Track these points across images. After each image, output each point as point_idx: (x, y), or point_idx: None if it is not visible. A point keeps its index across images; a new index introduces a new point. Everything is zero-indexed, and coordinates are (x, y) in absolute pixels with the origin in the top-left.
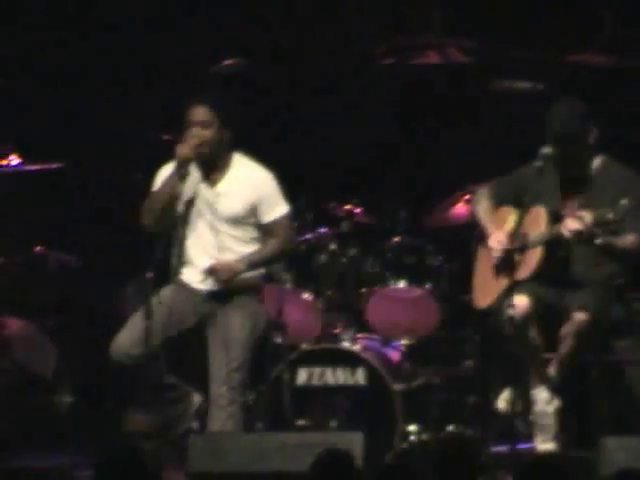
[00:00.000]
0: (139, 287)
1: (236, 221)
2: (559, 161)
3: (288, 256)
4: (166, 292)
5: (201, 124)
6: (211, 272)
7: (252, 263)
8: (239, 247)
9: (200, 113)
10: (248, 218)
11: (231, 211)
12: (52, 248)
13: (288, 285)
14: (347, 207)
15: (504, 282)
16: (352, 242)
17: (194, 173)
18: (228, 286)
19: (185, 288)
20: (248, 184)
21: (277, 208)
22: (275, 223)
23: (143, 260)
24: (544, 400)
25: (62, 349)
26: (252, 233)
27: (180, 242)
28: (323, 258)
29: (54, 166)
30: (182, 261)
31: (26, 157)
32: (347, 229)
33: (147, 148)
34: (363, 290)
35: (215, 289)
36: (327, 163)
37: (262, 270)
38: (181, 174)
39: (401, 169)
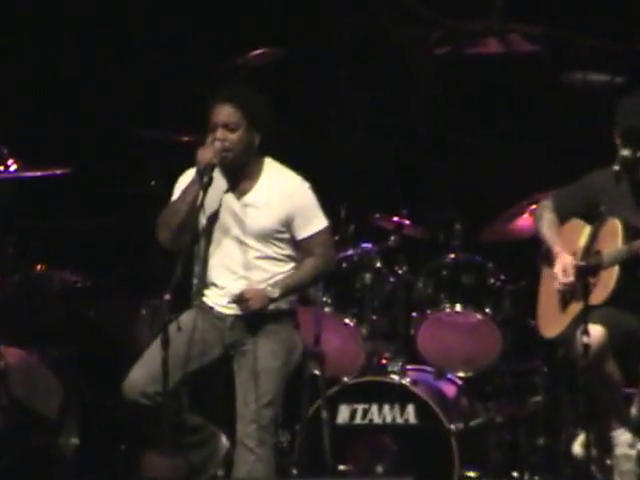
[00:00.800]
0: (155, 312)
1: (267, 236)
2: (635, 165)
3: (328, 277)
4: (187, 318)
5: (226, 125)
6: (240, 300)
7: (287, 288)
8: (270, 266)
9: (225, 113)
10: (281, 233)
11: (261, 225)
12: (55, 266)
13: (327, 309)
14: (394, 219)
15: (575, 308)
16: (400, 259)
17: (218, 181)
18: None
19: (209, 313)
20: (281, 194)
21: (314, 222)
22: (312, 239)
23: (160, 281)
24: (625, 443)
25: (68, 383)
26: (285, 250)
27: (203, 260)
28: (367, 278)
29: (57, 172)
30: (205, 282)
31: (25, 162)
32: (394, 244)
33: (164, 152)
34: (413, 314)
35: (243, 314)
36: (370, 168)
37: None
38: (203, 182)
39: (455, 174)
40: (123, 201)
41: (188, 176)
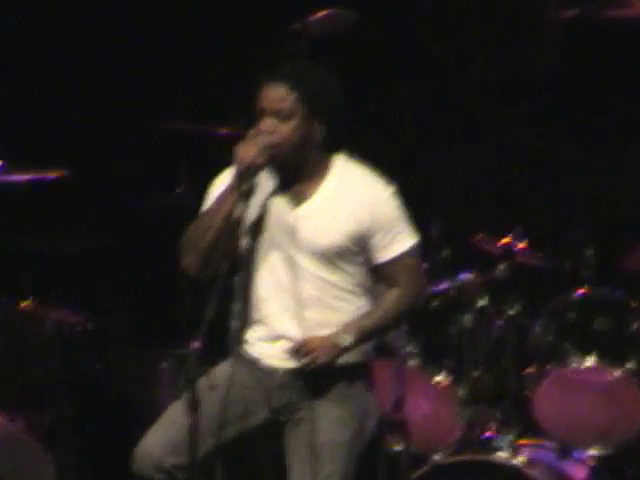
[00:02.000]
0: (179, 364)
1: (332, 259)
2: None
3: (415, 315)
4: (222, 371)
5: (276, 112)
6: (300, 352)
7: (364, 332)
8: (337, 301)
9: (275, 96)
10: (352, 255)
11: (324, 243)
12: (48, 302)
13: (412, 362)
14: (504, 241)
15: None
16: (512, 295)
17: (266, 185)
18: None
19: (252, 365)
20: (354, 201)
21: (400, 240)
22: (396, 264)
23: (186, 322)
24: None
25: (61, 458)
26: (358, 278)
27: (244, 294)
28: (467, 320)
29: (49, 176)
30: (247, 323)
31: (11, 163)
32: (504, 275)
33: (193, 148)
34: (529, 370)
35: (300, 367)
36: (470, 174)
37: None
38: (243, 189)
39: (584, 183)
40: (139, 215)
41: (225, 180)
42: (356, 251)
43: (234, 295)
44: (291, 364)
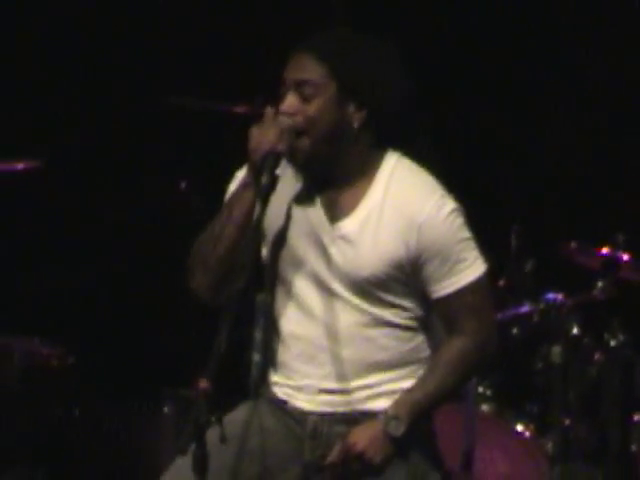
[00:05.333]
0: (184, 408)
1: (377, 291)
2: None
3: (487, 365)
4: (238, 417)
5: (300, 87)
6: (345, 456)
7: (420, 409)
8: (385, 337)
9: (300, 67)
10: (404, 286)
11: (365, 275)
12: (16, 332)
13: (485, 406)
14: (603, 251)
15: None
16: (614, 321)
17: (290, 184)
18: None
19: (278, 409)
20: (402, 221)
21: (460, 272)
22: (455, 302)
23: (193, 358)
24: None
25: None
26: (414, 311)
27: (267, 323)
28: (555, 352)
29: (21, 166)
30: (272, 359)
31: None
32: (604, 295)
33: (203, 131)
34: (636, 418)
35: (340, 411)
36: (556, 170)
37: None
38: (262, 185)
39: None
40: (131, 218)
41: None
42: (409, 281)
43: (255, 322)
44: (327, 407)
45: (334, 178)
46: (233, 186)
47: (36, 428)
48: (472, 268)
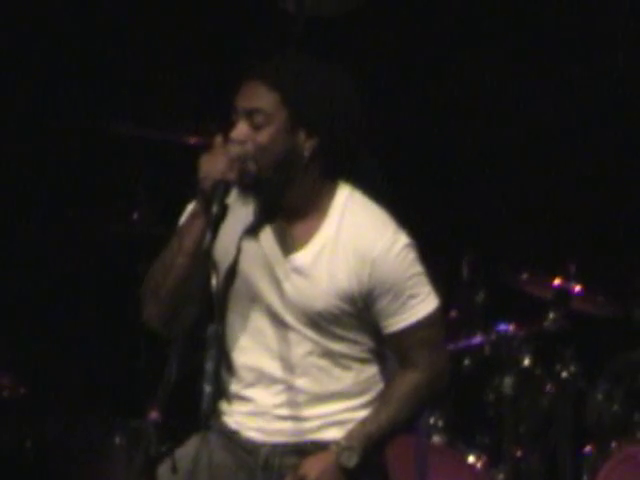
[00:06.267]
0: (135, 439)
1: (329, 326)
2: None
3: (437, 399)
4: (190, 449)
5: (250, 115)
6: None
7: (373, 441)
8: (338, 368)
9: (250, 95)
10: (357, 320)
11: (319, 308)
12: None
13: (437, 438)
14: (556, 281)
15: None
16: (566, 353)
17: (239, 214)
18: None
19: (230, 440)
20: (355, 255)
21: (413, 307)
22: (408, 337)
23: (145, 388)
24: None
25: None
26: (367, 344)
27: (219, 351)
28: (507, 384)
29: None
30: (224, 389)
31: None
32: (555, 326)
33: (155, 161)
34: (587, 449)
35: (292, 441)
36: (510, 198)
37: None
38: (212, 214)
39: None
40: (83, 248)
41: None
42: (361, 315)
43: (206, 352)
44: (279, 437)
45: (285, 207)
46: (184, 217)
47: None
48: (424, 303)
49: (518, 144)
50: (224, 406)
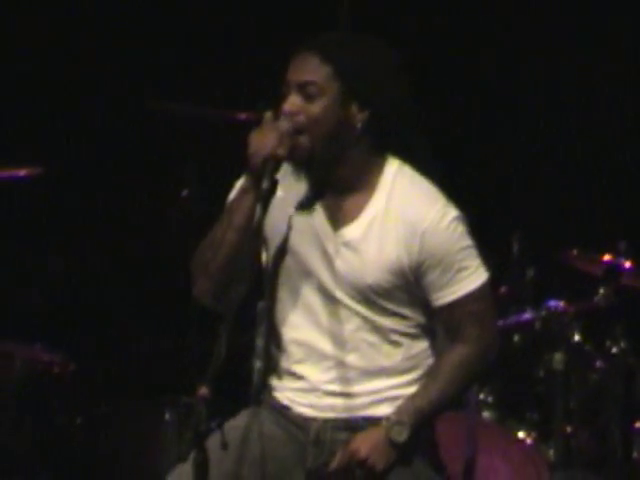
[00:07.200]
0: (185, 415)
1: (379, 299)
2: None
3: (487, 372)
4: (239, 424)
5: (302, 88)
6: (349, 461)
7: (422, 416)
8: (388, 344)
9: (302, 68)
10: (406, 294)
11: (369, 282)
12: (20, 339)
13: (486, 414)
14: (605, 258)
15: None
16: (617, 329)
17: (290, 189)
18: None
19: (280, 416)
20: (405, 228)
21: (462, 280)
22: (457, 310)
23: (195, 364)
24: None
25: None
26: (416, 319)
27: (268, 330)
28: (557, 360)
29: (24, 174)
30: (274, 365)
31: None
32: (606, 303)
33: (204, 138)
34: (638, 424)
35: (343, 417)
36: (560, 176)
37: None
38: (262, 190)
39: None
40: (131, 225)
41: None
42: (411, 289)
43: (256, 328)
44: (328, 412)
45: (335, 182)
46: (233, 193)
47: (38, 435)
48: (474, 276)
49: (568, 121)
50: (274, 382)
